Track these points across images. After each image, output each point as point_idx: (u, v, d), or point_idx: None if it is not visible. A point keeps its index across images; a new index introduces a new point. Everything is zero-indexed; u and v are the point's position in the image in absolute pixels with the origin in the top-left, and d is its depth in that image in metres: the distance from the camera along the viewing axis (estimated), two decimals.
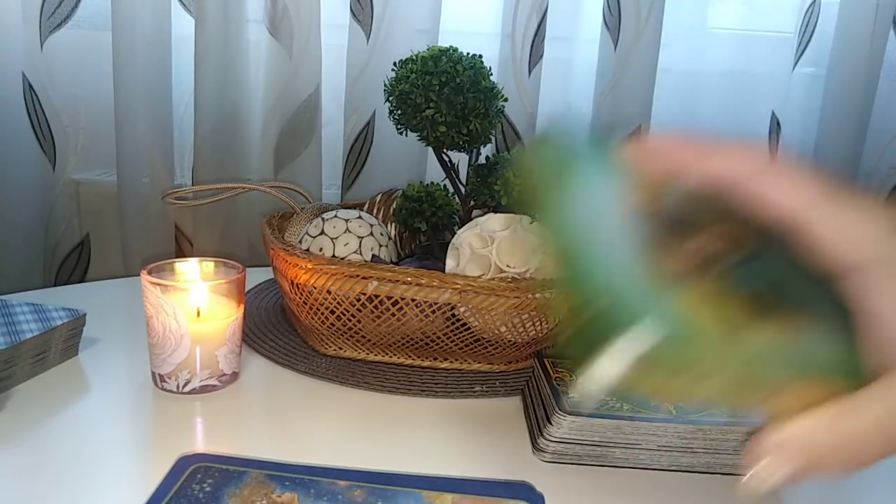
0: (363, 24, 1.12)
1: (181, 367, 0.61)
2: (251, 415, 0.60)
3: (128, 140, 1.12)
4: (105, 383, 0.64)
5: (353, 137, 1.16)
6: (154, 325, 0.61)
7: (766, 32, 1.19)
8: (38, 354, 0.64)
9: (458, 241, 0.68)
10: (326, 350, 0.71)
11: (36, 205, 1.17)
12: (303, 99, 1.13)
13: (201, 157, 1.13)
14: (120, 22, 1.07)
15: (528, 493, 0.49)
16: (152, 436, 0.56)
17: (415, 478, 0.50)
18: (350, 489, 0.47)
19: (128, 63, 1.09)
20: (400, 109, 0.74)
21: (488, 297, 0.63)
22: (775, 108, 1.19)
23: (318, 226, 0.74)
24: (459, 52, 0.73)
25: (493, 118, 0.74)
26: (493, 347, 0.68)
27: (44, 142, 1.16)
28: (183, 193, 0.86)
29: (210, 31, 1.08)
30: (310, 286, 0.66)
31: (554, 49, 1.15)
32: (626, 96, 1.14)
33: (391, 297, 0.64)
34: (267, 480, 0.48)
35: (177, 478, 0.48)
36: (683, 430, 0.54)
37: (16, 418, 0.57)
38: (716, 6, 1.21)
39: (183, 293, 0.61)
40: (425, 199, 0.81)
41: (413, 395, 0.65)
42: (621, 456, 0.55)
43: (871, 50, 1.13)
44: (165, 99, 1.14)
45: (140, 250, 1.16)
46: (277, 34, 1.11)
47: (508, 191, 0.75)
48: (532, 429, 0.59)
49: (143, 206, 1.15)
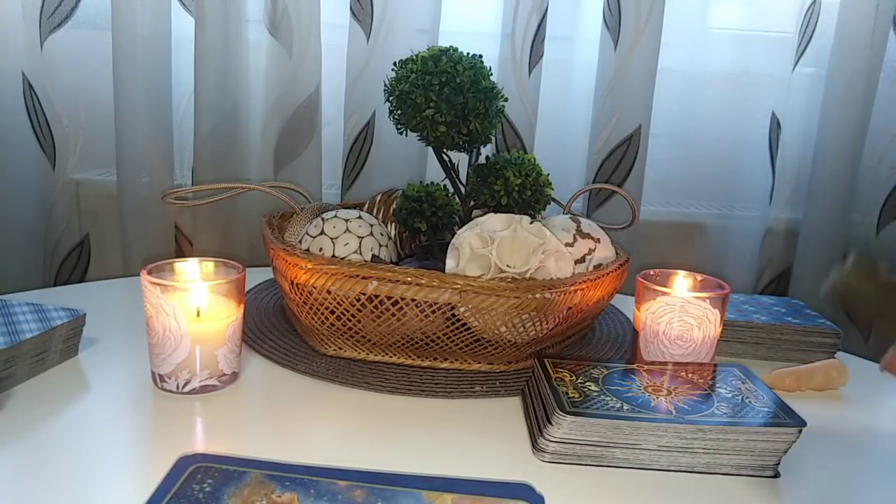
0: (363, 24, 1.12)
1: (181, 367, 0.61)
2: (251, 415, 0.60)
3: (128, 140, 1.12)
4: (105, 383, 0.64)
5: (353, 137, 1.17)
6: (154, 325, 0.61)
7: (766, 32, 1.19)
8: (38, 354, 0.64)
9: (458, 241, 0.68)
10: (326, 350, 0.71)
11: (36, 205, 1.17)
12: (303, 99, 1.13)
13: (201, 157, 1.13)
14: (120, 22, 1.07)
15: (528, 494, 0.49)
16: (152, 436, 0.56)
17: (415, 478, 0.50)
18: (350, 489, 0.47)
19: (128, 63, 1.09)
20: (400, 109, 0.74)
21: (488, 297, 0.63)
22: (775, 108, 1.19)
23: (318, 226, 0.74)
24: (459, 52, 0.73)
25: (493, 118, 0.74)
26: (493, 347, 0.68)
27: (44, 142, 1.16)
28: (183, 193, 0.86)
29: (210, 31, 1.08)
30: (310, 286, 0.66)
31: (554, 49, 1.15)
32: (626, 96, 1.14)
33: (391, 297, 0.64)
34: (267, 480, 0.48)
35: (177, 478, 0.48)
36: (683, 430, 0.54)
37: (16, 418, 0.57)
38: (716, 6, 1.21)
39: (183, 293, 0.61)
40: (425, 199, 0.81)
41: (413, 395, 0.65)
42: (621, 456, 0.55)
43: (871, 50, 1.13)
44: (165, 99, 1.14)
45: (140, 250, 1.16)
46: (277, 34, 1.11)
47: (508, 191, 0.75)
48: (532, 429, 0.59)
49: (143, 206, 1.15)
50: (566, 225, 0.76)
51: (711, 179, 1.27)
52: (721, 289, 0.69)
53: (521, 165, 0.76)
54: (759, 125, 1.20)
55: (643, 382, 0.60)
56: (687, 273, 0.73)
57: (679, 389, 0.59)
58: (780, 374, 0.71)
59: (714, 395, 0.59)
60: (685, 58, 1.21)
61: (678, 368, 0.64)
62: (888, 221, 1.22)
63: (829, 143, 1.18)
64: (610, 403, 0.56)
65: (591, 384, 0.59)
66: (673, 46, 1.17)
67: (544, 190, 0.77)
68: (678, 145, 1.25)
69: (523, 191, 0.75)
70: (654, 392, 0.58)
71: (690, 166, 1.27)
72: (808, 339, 0.77)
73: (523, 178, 0.75)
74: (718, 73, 1.21)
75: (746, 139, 1.21)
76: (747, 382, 0.61)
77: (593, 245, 0.75)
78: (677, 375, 0.62)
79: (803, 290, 1.23)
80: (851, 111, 1.16)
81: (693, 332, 0.67)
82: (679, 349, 0.68)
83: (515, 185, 0.74)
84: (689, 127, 1.24)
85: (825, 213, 1.20)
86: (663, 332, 0.68)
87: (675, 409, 0.55)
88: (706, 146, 1.25)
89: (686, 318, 0.67)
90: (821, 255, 1.22)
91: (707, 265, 1.23)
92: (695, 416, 0.55)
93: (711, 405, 0.57)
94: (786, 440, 0.54)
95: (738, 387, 0.60)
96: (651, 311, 0.69)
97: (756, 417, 0.55)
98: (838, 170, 1.18)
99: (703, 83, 1.22)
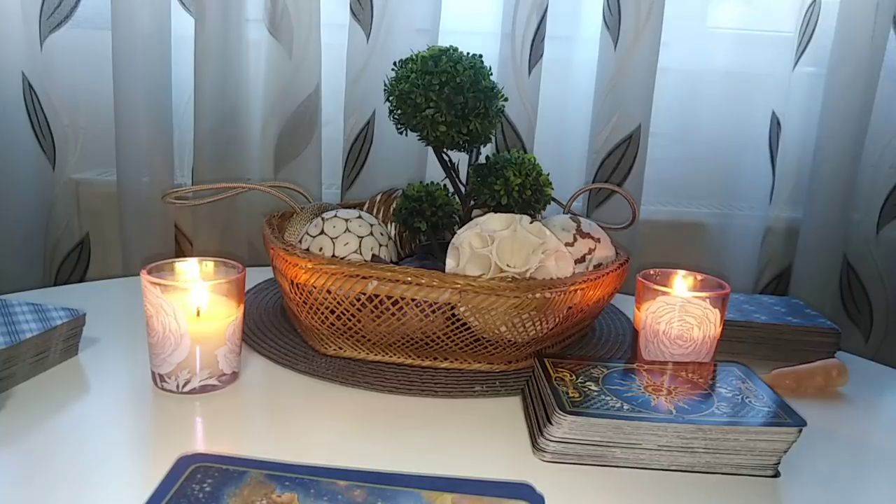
0: (363, 24, 1.12)
1: (181, 367, 0.61)
2: (251, 415, 0.60)
3: (127, 140, 1.12)
4: (105, 383, 0.64)
5: (353, 137, 1.17)
6: (154, 325, 0.61)
7: (766, 32, 1.19)
8: (38, 354, 0.64)
9: (458, 241, 0.68)
10: (326, 350, 0.71)
11: (36, 204, 1.17)
12: (303, 99, 1.13)
13: (201, 157, 1.13)
14: (120, 22, 1.07)
15: (528, 493, 0.49)
16: (152, 436, 0.56)
17: (415, 478, 0.50)
18: (350, 489, 0.47)
19: (128, 63, 1.09)
20: (400, 109, 0.74)
21: (488, 297, 0.63)
22: (775, 108, 1.19)
23: (318, 226, 0.74)
24: (459, 51, 0.73)
25: (493, 118, 0.74)
26: (493, 347, 0.68)
27: (43, 141, 1.16)
28: (183, 193, 0.86)
29: (210, 31, 1.08)
30: (310, 286, 0.66)
31: (554, 49, 1.15)
32: (626, 96, 1.14)
33: (391, 297, 0.64)
34: (267, 480, 0.48)
35: (177, 478, 0.48)
36: (683, 430, 0.54)
37: (16, 418, 0.57)
38: (716, 6, 1.21)
39: (183, 293, 0.61)
40: (425, 199, 0.81)
41: (413, 395, 0.65)
42: (621, 456, 0.55)
43: (871, 50, 1.13)
44: (165, 99, 1.14)
45: (140, 250, 1.16)
46: (277, 34, 1.11)
47: (508, 190, 0.75)
48: (532, 429, 0.59)
49: (143, 206, 1.15)
50: (566, 225, 0.76)
51: (711, 179, 1.26)
52: (721, 288, 0.69)
53: (521, 165, 0.76)
54: (760, 124, 1.20)
55: (643, 382, 0.60)
56: (687, 273, 0.73)
57: (679, 389, 0.59)
58: (780, 374, 0.71)
59: (714, 394, 0.59)
60: (685, 57, 1.21)
61: (678, 368, 0.64)
62: (888, 221, 1.22)
63: (829, 142, 1.18)
64: (610, 403, 0.56)
65: (592, 384, 0.59)
66: (673, 45, 1.17)
67: (544, 190, 0.77)
68: (678, 144, 1.25)
69: (523, 190, 0.75)
70: (654, 392, 0.58)
71: (690, 165, 1.27)
72: (808, 339, 0.77)
73: (523, 177, 0.75)
74: (718, 73, 1.21)
75: (746, 138, 1.21)
76: (747, 382, 0.61)
77: (593, 245, 0.75)
78: (677, 375, 0.62)
79: (803, 289, 1.23)
80: (851, 110, 1.16)
81: (693, 331, 0.67)
82: (679, 349, 0.68)
83: (515, 184, 0.74)
84: (689, 126, 1.24)
85: (825, 213, 1.20)
86: (663, 332, 0.68)
87: (676, 409, 0.55)
88: (706, 145, 1.25)
89: (686, 317, 0.67)
90: (821, 254, 1.22)
91: (707, 265, 1.23)
92: (695, 415, 0.55)
93: (711, 405, 0.57)
94: (786, 440, 0.54)
95: (738, 386, 0.60)
96: (651, 310, 0.69)
97: (756, 417, 0.55)
98: (838, 169, 1.18)
99: (703, 82, 1.22)
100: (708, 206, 1.27)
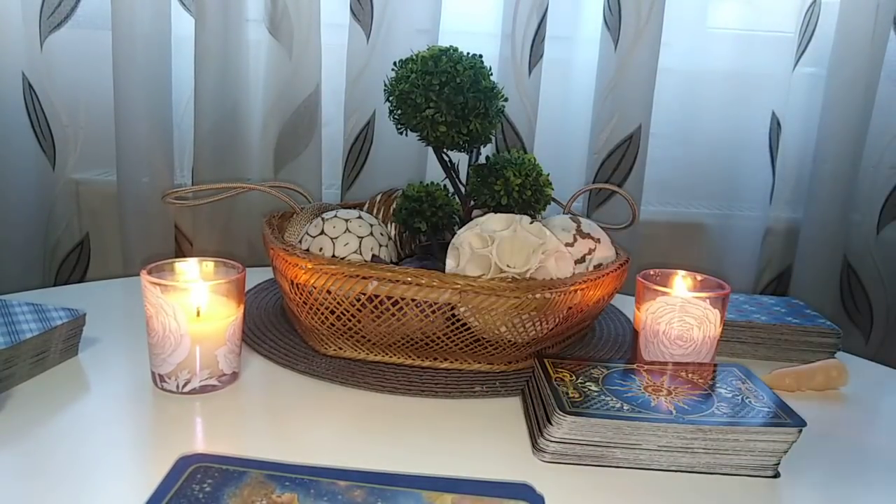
0: (363, 24, 1.12)
1: (181, 367, 0.61)
2: (251, 415, 0.60)
3: (127, 140, 1.12)
4: (105, 383, 0.64)
5: (353, 137, 1.16)
6: (154, 325, 0.61)
7: (766, 32, 1.19)
8: (38, 354, 0.64)
9: (458, 241, 0.68)
10: (326, 350, 0.71)
11: (36, 205, 1.17)
12: (303, 99, 1.13)
13: (201, 157, 1.13)
14: (120, 22, 1.07)
15: (528, 494, 0.49)
16: (152, 436, 0.56)
17: (415, 478, 0.50)
18: (350, 489, 0.47)
19: (128, 63, 1.09)
20: (400, 109, 0.74)
21: (488, 297, 0.63)
22: (775, 108, 1.19)
23: (318, 226, 0.74)
24: (459, 52, 0.73)
25: (493, 118, 0.74)
26: (493, 347, 0.68)
27: (43, 142, 1.16)
28: (183, 193, 0.86)
29: (210, 31, 1.08)
30: (310, 286, 0.66)
31: (554, 49, 1.15)
32: (626, 96, 1.14)
33: (391, 297, 0.64)
34: (267, 480, 0.48)
35: (177, 478, 0.48)
36: (683, 430, 0.54)
37: (16, 418, 0.57)
38: (716, 6, 1.21)
39: (183, 293, 0.61)
40: (425, 199, 0.81)
41: (413, 395, 0.65)
42: (621, 456, 0.55)
43: (871, 50, 1.13)
44: (165, 99, 1.14)
45: (140, 250, 1.16)
46: (277, 34, 1.11)
47: (508, 191, 0.75)
48: (532, 429, 0.59)
49: (143, 206, 1.15)
50: (566, 225, 0.76)
51: (711, 179, 1.26)
52: (721, 289, 0.69)
53: (521, 165, 0.76)
54: (760, 125, 1.20)
55: (643, 382, 0.60)
56: (687, 273, 0.73)
57: (679, 389, 0.59)
58: (780, 374, 0.71)
59: (714, 395, 0.59)
60: (685, 57, 1.21)
61: (678, 368, 0.64)
62: (888, 221, 1.22)
63: (829, 142, 1.18)
64: (610, 403, 0.56)
65: (592, 384, 0.59)
66: (673, 46, 1.17)
67: (544, 190, 0.77)
68: (678, 145, 1.25)
69: (523, 191, 0.75)
70: (654, 392, 0.58)
71: (690, 166, 1.27)
72: (808, 339, 0.77)
73: (523, 177, 0.75)
74: (718, 73, 1.21)
75: (746, 139, 1.21)
76: (747, 382, 0.61)
77: (593, 245, 0.75)
78: (677, 375, 0.62)
79: (803, 290, 1.23)
80: (852, 111, 1.16)
81: (693, 332, 0.67)
82: (679, 349, 0.68)
83: (515, 185, 0.74)
84: (689, 127, 1.24)
85: (825, 213, 1.20)
86: (663, 332, 0.68)
87: (676, 409, 0.55)
88: (706, 146, 1.25)
89: (686, 318, 0.67)
90: (821, 255, 1.22)
91: (707, 265, 1.23)
92: (695, 416, 0.55)
93: (711, 405, 0.57)
94: (786, 440, 0.54)
95: (738, 387, 0.60)
96: (651, 311, 0.69)
97: (756, 417, 0.55)
98: (838, 170, 1.18)
99: (703, 83, 1.22)
100: (708, 207, 1.27)
